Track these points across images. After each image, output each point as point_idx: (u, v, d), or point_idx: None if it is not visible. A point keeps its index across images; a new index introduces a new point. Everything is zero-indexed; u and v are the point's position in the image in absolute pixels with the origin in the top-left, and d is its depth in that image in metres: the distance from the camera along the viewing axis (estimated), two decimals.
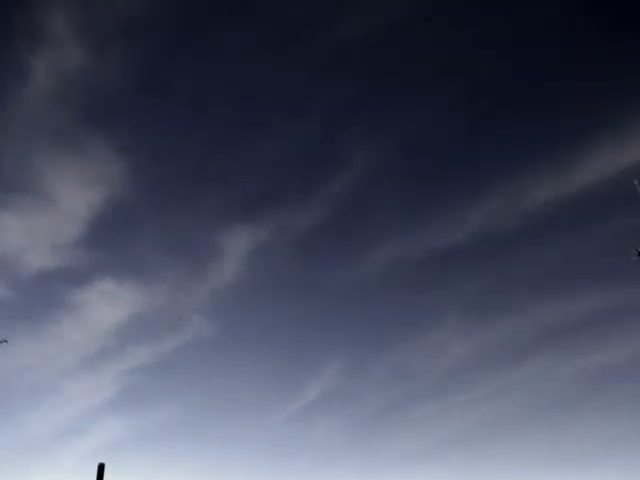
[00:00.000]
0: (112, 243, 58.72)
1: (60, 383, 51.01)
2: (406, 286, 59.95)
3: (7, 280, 52.95)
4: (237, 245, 59.08)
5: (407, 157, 60.68)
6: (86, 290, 54.83)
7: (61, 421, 49.08)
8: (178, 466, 46.17)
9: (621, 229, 51.59)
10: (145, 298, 57.05)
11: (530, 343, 53.94)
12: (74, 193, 55.00)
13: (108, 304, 55.65)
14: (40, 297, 54.42)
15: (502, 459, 45.60)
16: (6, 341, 24.49)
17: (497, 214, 58.57)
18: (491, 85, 57.45)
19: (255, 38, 53.39)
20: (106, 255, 57.73)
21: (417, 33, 54.28)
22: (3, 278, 52.93)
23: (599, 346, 52.04)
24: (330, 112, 58.73)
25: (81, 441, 47.95)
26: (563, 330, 53.96)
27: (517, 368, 53.19)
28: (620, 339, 49.75)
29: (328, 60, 55.34)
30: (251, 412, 52.90)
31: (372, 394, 53.62)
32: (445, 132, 58.73)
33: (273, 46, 53.96)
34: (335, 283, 59.22)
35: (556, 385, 51.13)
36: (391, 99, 57.86)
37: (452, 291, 59.03)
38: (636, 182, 26.80)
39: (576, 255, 55.98)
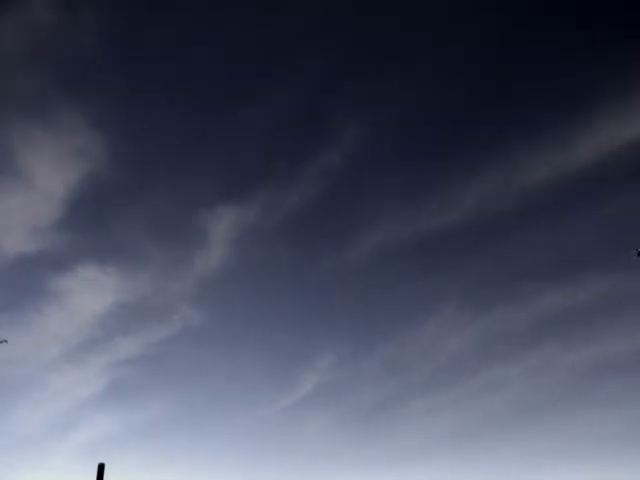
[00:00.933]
0: (92, 226, 55.99)
1: (45, 377, 49.14)
2: (399, 272, 58.20)
3: None
4: (223, 228, 56.69)
5: (398, 132, 57.25)
6: (68, 277, 52.31)
7: (48, 417, 47.48)
8: (169, 463, 45.32)
9: (625, 209, 49.76)
10: (129, 286, 55.23)
11: (529, 333, 52.52)
12: (49, 170, 51.71)
13: (91, 292, 52.91)
14: (21, 284, 51.43)
15: (501, 454, 44.66)
16: (6, 341, 24.73)
17: (492, 194, 56.32)
18: (484, 59, 54.54)
19: None
20: (87, 239, 55.19)
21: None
22: None
23: (600, 336, 50.48)
24: (319, 79, 55.13)
25: (70, 438, 46.45)
26: (563, 319, 52.42)
27: (516, 361, 51.83)
28: (624, 327, 48.20)
29: (315, 20, 51.75)
30: (243, 406, 51.59)
31: (366, 388, 52.38)
32: (438, 107, 56.21)
33: (255, 9, 51.02)
34: (326, 269, 57.45)
35: (557, 378, 49.72)
36: (384, 69, 54.29)
37: (448, 278, 57.21)
38: None
39: (577, 238, 53.98)
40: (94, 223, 55.24)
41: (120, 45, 51.11)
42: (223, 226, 56.23)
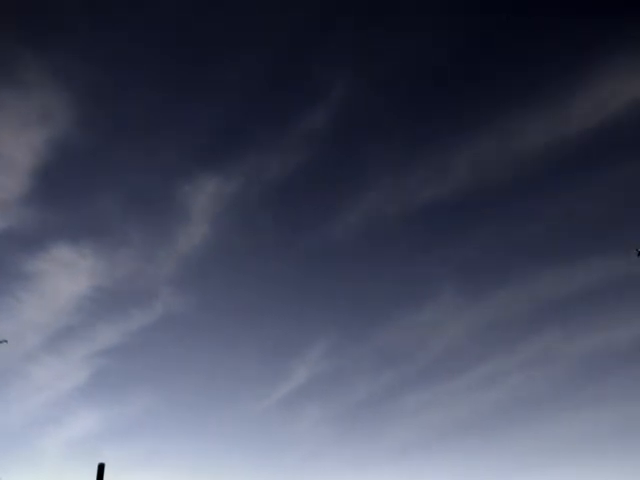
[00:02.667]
0: (64, 200, 51.32)
1: (25, 368, 46.49)
2: (389, 251, 54.51)
3: None
4: (205, 201, 52.59)
5: (387, 94, 53.30)
6: (41, 258, 48.33)
7: (30, 411, 45.28)
8: (156, 459, 43.44)
9: (631, 175, 46.91)
10: (106, 267, 51.12)
11: (529, 320, 49.79)
12: (13, 136, 46.55)
13: (66, 275, 49.61)
14: None
15: (500, 450, 42.94)
16: (6, 341, 24.89)
17: (486, 162, 52.23)
18: (477, 18, 50.60)
19: None
20: (58, 215, 50.55)
21: None
22: None
23: (605, 323, 47.50)
24: (301, 32, 50.25)
25: (54, 434, 44.18)
26: (565, 304, 49.45)
27: (515, 351, 49.12)
28: (630, 313, 45.44)
29: None
30: (231, 399, 49.06)
31: (360, 381, 49.75)
32: (429, 68, 52.09)
33: None
34: (311, 247, 54.02)
35: (558, 369, 47.47)
36: (371, 24, 49.63)
37: (442, 257, 53.47)
38: None
39: (578, 210, 50.31)
40: (65, 197, 51.47)
41: None
42: (204, 198, 52.55)
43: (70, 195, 51.41)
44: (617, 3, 45.77)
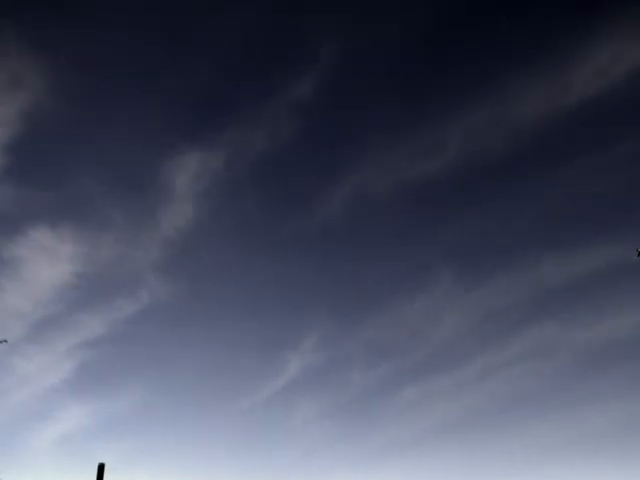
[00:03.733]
0: (40, 178, 48.26)
1: (9, 360, 44.73)
2: (381, 231, 52.29)
3: None
4: (188, 178, 49.70)
5: (377, 62, 50.42)
6: (20, 242, 45.80)
7: (16, 405, 43.76)
8: (147, 456, 41.87)
9: (633, 151, 44.65)
10: (88, 252, 48.32)
11: (528, 309, 47.87)
12: None
13: (46, 260, 47.27)
14: None
15: (500, 445, 41.30)
16: (6, 341, 23.97)
17: (479, 135, 49.17)
18: None
19: None
20: (36, 194, 47.55)
21: None
22: None
23: (608, 313, 45.41)
24: None
25: (42, 429, 42.53)
26: (566, 292, 47.36)
27: (514, 342, 47.30)
28: (635, 302, 43.77)
29: None
30: (224, 394, 47.38)
31: (354, 375, 47.98)
32: (418, 33, 49.35)
33: None
34: (298, 227, 51.65)
35: (558, 361, 45.69)
36: None
37: (437, 240, 51.14)
38: None
39: (580, 188, 47.48)
40: (41, 174, 48.70)
41: None
42: (188, 175, 49.83)
43: (46, 173, 48.44)
44: None
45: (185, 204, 50.15)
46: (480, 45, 49.35)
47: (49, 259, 47.32)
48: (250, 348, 50.03)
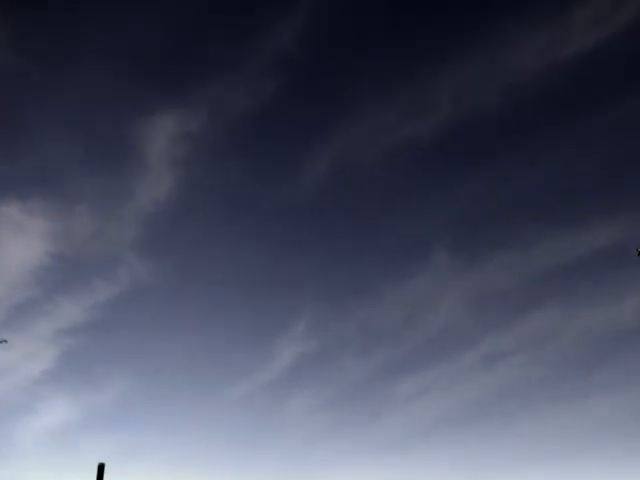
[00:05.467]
0: (5, 146, 44.68)
1: None
2: (371, 204, 48.97)
3: None
4: (163, 143, 45.74)
5: (359, 11, 46.92)
6: None
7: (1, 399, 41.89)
8: (136, 450, 40.38)
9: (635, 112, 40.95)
10: (60, 229, 45.23)
11: (528, 291, 45.43)
12: None
13: (16, 238, 44.29)
14: None
15: (499, 441, 39.42)
16: (6, 341, 24.36)
17: (473, 92, 45.68)
18: None
19: None
20: (1, 164, 43.63)
21: None
22: None
23: (613, 296, 42.77)
24: None
25: (26, 422, 40.95)
26: (568, 271, 44.67)
27: (514, 327, 44.99)
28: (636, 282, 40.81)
29: None
30: (211, 385, 45.33)
31: (348, 365, 45.83)
32: None
33: None
34: (282, 197, 48.71)
35: (560, 349, 43.33)
36: None
37: (433, 210, 48.19)
38: None
39: (582, 152, 43.99)
40: (5, 141, 45.12)
41: None
42: (163, 140, 45.80)
43: (9, 137, 45.00)
44: None
45: (162, 173, 46.45)
46: None
47: (19, 236, 44.24)
48: (239, 332, 47.94)
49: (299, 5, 45.12)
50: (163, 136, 45.73)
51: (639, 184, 39.78)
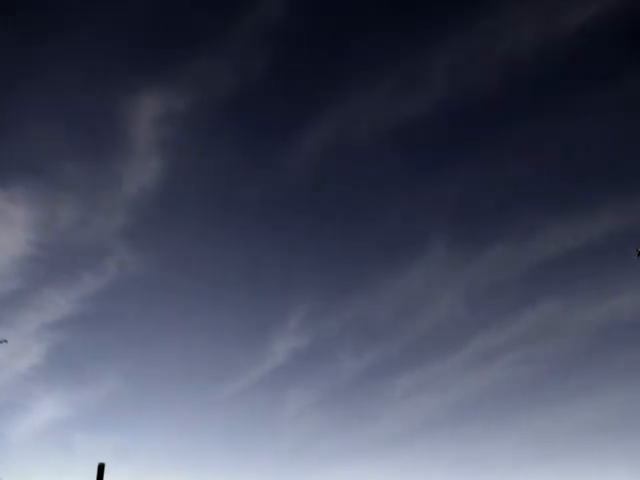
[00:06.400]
0: None
1: None
2: (363, 190, 46.67)
3: None
4: (148, 126, 43.51)
5: None
6: None
7: None
8: (129, 450, 38.56)
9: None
10: (45, 217, 43.39)
11: (528, 284, 43.82)
12: None
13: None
14: None
15: (499, 436, 37.93)
16: (6, 341, 22.89)
17: (468, 68, 42.96)
18: None
19: None
20: None
21: None
22: None
23: (616, 289, 40.52)
24: None
25: (16, 420, 39.62)
26: (569, 262, 42.86)
27: (512, 322, 43.46)
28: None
29: None
30: (206, 380, 43.97)
31: (343, 361, 44.18)
32: None
33: None
34: (273, 185, 47.04)
35: (560, 344, 41.61)
36: None
37: (429, 197, 46.45)
38: None
39: (583, 134, 41.48)
40: None
41: None
42: (148, 122, 43.94)
43: None
44: None
45: (147, 157, 44.47)
46: None
47: (2, 225, 42.46)
48: (231, 327, 46.75)
49: None
50: (148, 117, 43.82)
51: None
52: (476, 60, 43.03)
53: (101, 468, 18.81)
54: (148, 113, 43.63)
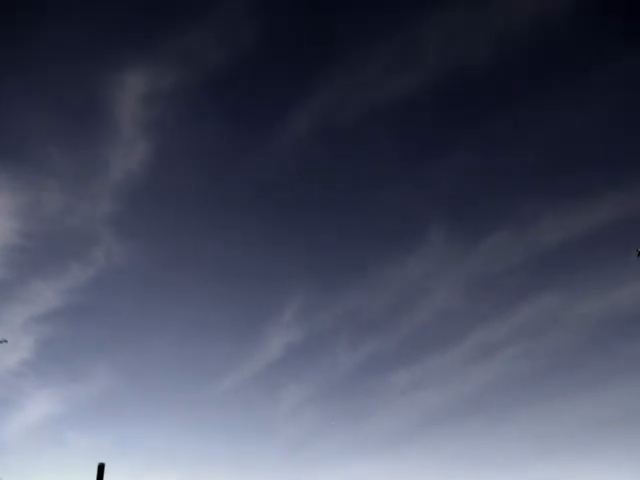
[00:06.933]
0: None
1: None
2: (359, 173, 45.39)
3: None
4: (133, 107, 41.77)
5: None
6: None
7: None
8: (123, 448, 37.89)
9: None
10: (30, 204, 41.63)
11: (527, 275, 42.60)
12: None
13: None
14: None
15: (500, 433, 36.84)
16: (6, 341, 23.64)
17: (463, 41, 41.41)
18: None
19: None
20: None
21: None
22: None
23: (617, 282, 39.18)
24: None
25: (4, 419, 38.61)
26: (569, 252, 41.57)
27: (511, 315, 42.23)
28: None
29: None
30: (201, 376, 43.23)
31: (341, 353, 43.24)
32: None
33: None
34: (264, 167, 45.31)
35: (560, 337, 40.41)
36: None
37: (426, 182, 44.93)
38: None
39: (584, 113, 39.64)
40: None
41: None
42: (133, 102, 41.81)
43: None
44: None
45: (134, 139, 42.78)
46: None
47: None
48: (224, 316, 45.59)
49: None
50: (133, 97, 42.03)
51: None
52: (470, 36, 41.49)
53: (101, 468, 18.66)
54: (133, 93, 41.96)
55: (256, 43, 43.31)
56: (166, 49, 42.12)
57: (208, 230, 47.39)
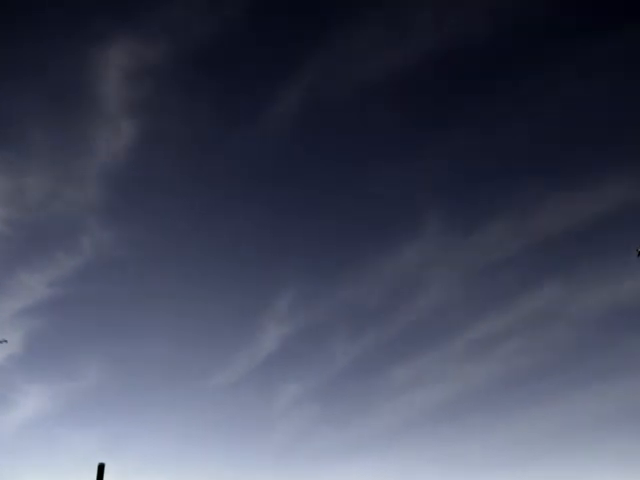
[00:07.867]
0: None
1: None
2: (351, 153, 43.44)
3: None
4: (119, 85, 39.98)
5: None
6: None
7: None
8: (116, 445, 37.01)
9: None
10: (12, 190, 40.33)
11: (527, 266, 41.32)
12: None
13: None
14: None
15: (497, 433, 36.00)
16: (6, 341, 23.42)
17: (459, 13, 40.14)
18: None
19: None
20: None
21: None
22: None
23: (620, 273, 38.06)
24: None
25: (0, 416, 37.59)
26: (571, 241, 40.44)
27: (511, 309, 40.97)
28: None
29: None
30: (195, 371, 41.90)
31: (338, 347, 42.05)
32: None
33: None
34: (249, 148, 43.68)
35: (561, 331, 39.16)
36: None
37: (421, 166, 43.35)
38: None
39: (586, 89, 38.33)
40: None
41: None
42: (119, 79, 40.07)
43: None
44: None
45: (120, 120, 41.00)
46: None
47: None
48: (217, 308, 44.37)
49: None
50: (118, 74, 40.33)
51: None
52: (467, 7, 39.81)
53: (101, 468, 18.09)
54: (118, 69, 40.01)
55: (245, 17, 41.86)
56: (150, 22, 40.45)
57: (199, 218, 46.12)
